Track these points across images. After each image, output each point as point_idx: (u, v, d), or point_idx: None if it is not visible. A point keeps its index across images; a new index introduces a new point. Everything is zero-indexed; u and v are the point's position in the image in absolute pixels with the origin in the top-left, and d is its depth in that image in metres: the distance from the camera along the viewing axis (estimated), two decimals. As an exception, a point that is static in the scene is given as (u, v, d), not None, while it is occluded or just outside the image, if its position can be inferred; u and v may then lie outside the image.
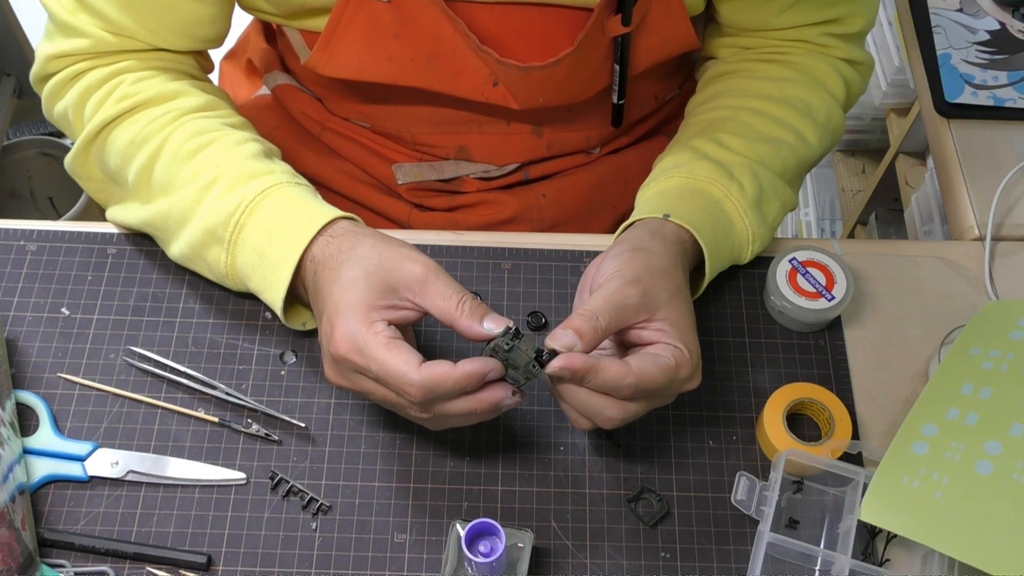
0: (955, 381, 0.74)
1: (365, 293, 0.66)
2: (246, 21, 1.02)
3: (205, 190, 0.75)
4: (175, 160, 0.76)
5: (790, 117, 0.84)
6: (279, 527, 0.73)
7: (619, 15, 0.79)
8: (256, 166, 0.76)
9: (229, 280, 0.76)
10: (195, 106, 0.80)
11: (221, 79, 1.08)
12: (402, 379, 0.64)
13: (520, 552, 0.69)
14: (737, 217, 0.79)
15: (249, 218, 0.73)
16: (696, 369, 0.69)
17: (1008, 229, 0.91)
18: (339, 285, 0.67)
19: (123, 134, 0.79)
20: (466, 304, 0.66)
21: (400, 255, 0.68)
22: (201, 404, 0.78)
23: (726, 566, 0.73)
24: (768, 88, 0.86)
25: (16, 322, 0.81)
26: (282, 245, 0.72)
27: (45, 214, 1.84)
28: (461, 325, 0.66)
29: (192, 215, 0.75)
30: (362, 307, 0.66)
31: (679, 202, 0.77)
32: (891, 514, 0.69)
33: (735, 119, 0.84)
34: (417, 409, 0.66)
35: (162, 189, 0.77)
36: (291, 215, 0.73)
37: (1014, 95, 1.03)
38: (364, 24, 0.79)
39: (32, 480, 0.73)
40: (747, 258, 0.81)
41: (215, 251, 0.75)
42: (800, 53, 0.88)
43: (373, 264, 0.68)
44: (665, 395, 0.69)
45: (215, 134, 0.78)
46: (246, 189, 0.74)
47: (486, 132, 0.91)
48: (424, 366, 0.64)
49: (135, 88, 0.79)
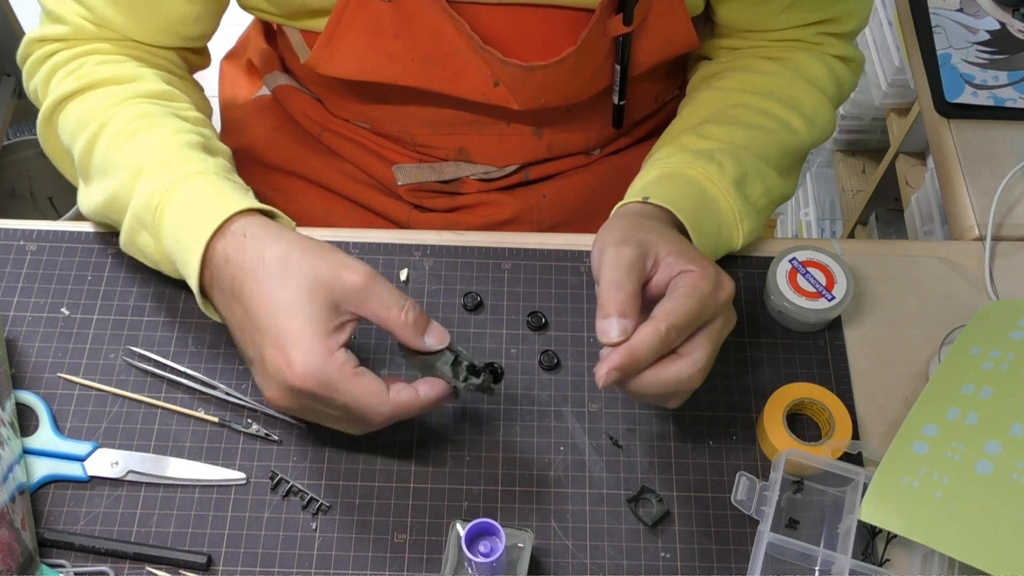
0: (955, 381, 0.74)
1: (314, 320, 0.63)
2: (246, 21, 1.02)
3: (136, 176, 0.73)
4: (114, 141, 0.75)
5: (774, 108, 0.85)
6: (279, 527, 0.73)
7: (620, 15, 0.80)
8: (186, 153, 0.74)
9: (163, 264, 0.74)
10: (148, 92, 0.79)
11: (221, 79, 1.08)
12: (373, 411, 0.65)
13: (520, 552, 0.69)
14: (719, 195, 0.78)
15: (168, 202, 0.71)
16: (718, 278, 0.65)
17: (1008, 229, 0.91)
18: (277, 307, 0.64)
19: (73, 112, 0.78)
20: (409, 315, 0.65)
21: (333, 265, 0.65)
22: (201, 404, 0.78)
23: (726, 566, 0.73)
24: (755, 82, 0.86)
25: (16, 322, 0.81)
26: (194, 229, 0.69)
27: (45, 214, 1.84)
28: (403, 336, 0.66)
29: (123, 200, 0.74)
30: (317, 337, 0.63)
31: (658, 187, 0.77)
32: (891, 514, 0.69)
33: (720, 113, 0.84)
34: (373, 427, 0.68)
35: (100, 171, 0.76)
36: (206, 201, 0.70)
37: (1014, 95, 1.03)
38: (365, 24, 0.79)
39: (32, 480, 0.73)
40: (739, 242, 0.80)
41: (144, 237, 0.74)
42: (792, 50, 0.88)
43: (310, 281, 0.64)
44: (710, 318, 0.65)
45: (156, 119, 0.76)
46: (168, 175, 0.72)
47: (486, 133, 0.91)
48: (392, 395, 0.65)
49: (95, 69, 0.79)
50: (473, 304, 0.83)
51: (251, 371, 0.69)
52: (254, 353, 0.66)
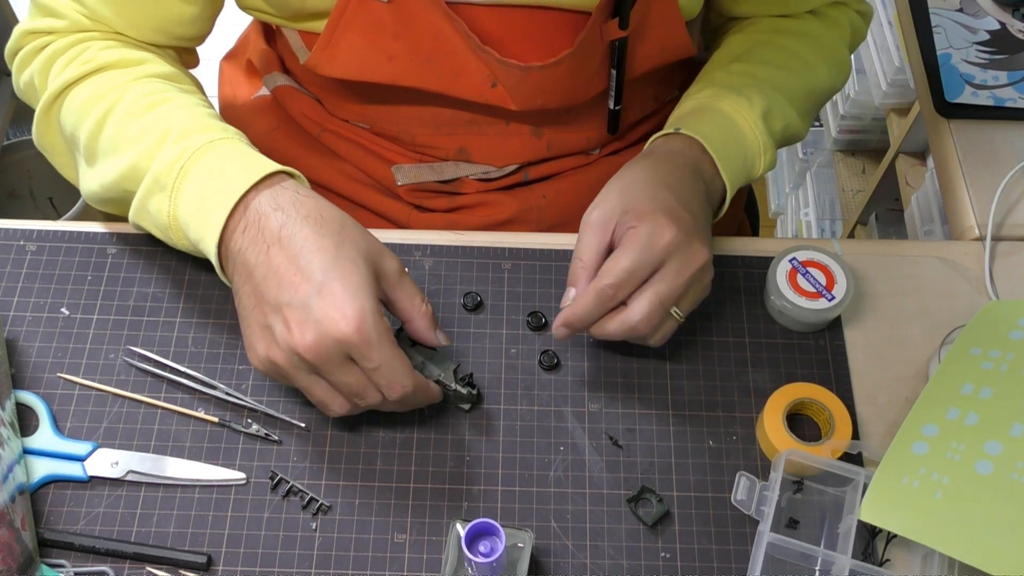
0: (955, 381, 0.74)
1: (369, 281, 0.66)
2: (246, 21, 1.02)
3: (159, 142, 0.73)
4: (127, 115, 0.75)
5: (797, 47, 0.90)
6: (279, 527, 0.73)
7: (616, 19, 0.80)
8: (210, 121, 0.75)
9: (172, 232, 0.73)
10: (158, 72, 0.80)
11: (221, 79, 1.08)
12: (397, 380, 0.67)
13: (520, 552, 0.69)
14: (747, 127, 0.83)
15: (194, 164, 0.71)
16: (655, 229, 0.71)
17: (1008, 229, 0.91)
18: (336, 260, 0.66)
19: (81, 93, 0.78)
20: (428, 308, 0.71)
21: (378, 246, 0.69)
22: (201, 404, 0.78)
23: (726, 566, 0.73)
24: (778, 23, 0.92)
25: (16, 322, 0.81)
26: (229, 179, 0.70)
27: (45, 214, 1.84)
28: (420, 325, 0.71)
29: (142, 168, 0.73)
30: (371, 296, 0.66)
31: (691, 119, 0.82)
32: (891, 514, 0.69)
33: (749, 52, 0.90)
34: (374, 400, 0.69)
35: (112, 147, 0.75)
36: (244, 158, 0.72)
37: (1014, 95, 1.03)
38: (364, 24, 0.79)
39: (32, 480, 0.73)
40: (760, 170, 0.84)
41: (157, 200, 0.72)
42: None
43: (363, 250, 0.68)
44: (656, 265, 0.71)
45: (172, 94, 0.77)
46: (195, 138, 0.72)
47: (486, 133, 0.91)
48: (415, 373, 0.69)
49: (101, 53, 0.79)
50: (473, 304, 0.83)
51: (263, 321, 0.67)
52: (288, 298, 0.65)
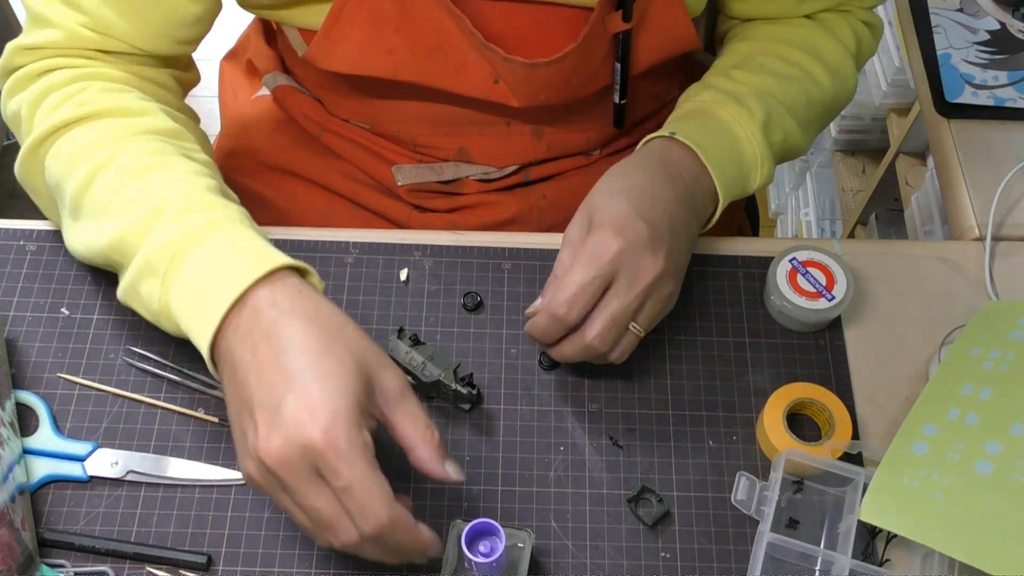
0: (955, 381, 0.74)
1: (355, 391, 0.59)
2: (246, 21, 1.02)
3: (152, 218, 0.67)
4: (120, 177, 0.69)
5: (799, 57, 0.88)
6: (279, 527, 0.73)
7: (620, 11, 0.80)
8: (209, 197, 0.69)
9: (164, 319, 0.67)
10: (159, 128, 0.74)
11: (221, 79, 1.08)
12: (369, 508, 0.58)
13: (520, 552, 0.69)
14: (745, 138, 0.81)
15: (191, 250, 0.65)
16: (595, 249, 0.69)
17: (1008, 229, 0.91)
18: (321, 359, 0.59)
19: (73, 140, 0.72)
20: (436, 435, 0.62)
21: (381, 358, 0.62)
22: (201, 404, 0.78)
23: (726, 566, 0.73)
24: (779, 32, 0.90)
25: (16, 322, 0.81)
26: (230, 271, 0.64)
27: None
28: (422, 455, 0.62)
29: (132, 244, 0.67)
30: (355, 405, 0.58)
31: (687, 123, 0.80)
32: (891, 514, 0.69)
33: (749, 59, 0.87)
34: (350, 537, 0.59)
35: (100, 209, 0.70)
36: (245, 248, 0.65)
37: (1014, 95, 1.03)
38: (366, 17, 0.79)
39: (32, 480, 0.73)
40: (756, 183, 0.82)
41: (149, 284, 0.67)
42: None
43: (359, 358, 0.60)
44: (607, 279, 0.69)
45: (170, 158, 0.71)
46: (192, 217, 0.67)
47: (486, 133, 0.91)
48: (398, 503, 0.59)
49: (99, 96, 0.74)
50: (473, 304, 0.83)
51: (242, 426, 0.61)
52: (262, 398, 0.59)
